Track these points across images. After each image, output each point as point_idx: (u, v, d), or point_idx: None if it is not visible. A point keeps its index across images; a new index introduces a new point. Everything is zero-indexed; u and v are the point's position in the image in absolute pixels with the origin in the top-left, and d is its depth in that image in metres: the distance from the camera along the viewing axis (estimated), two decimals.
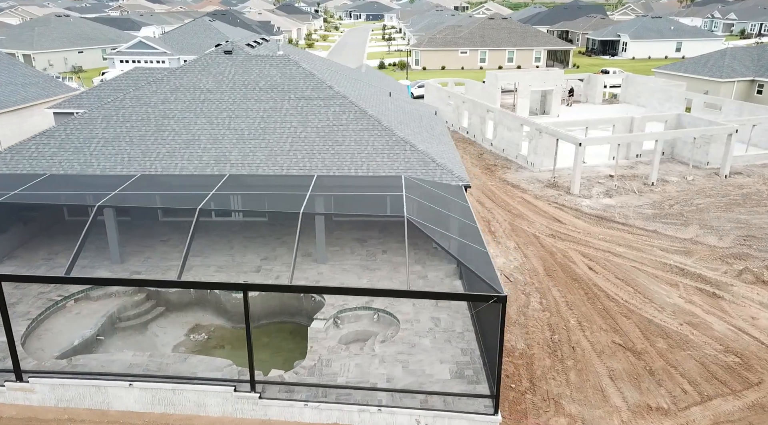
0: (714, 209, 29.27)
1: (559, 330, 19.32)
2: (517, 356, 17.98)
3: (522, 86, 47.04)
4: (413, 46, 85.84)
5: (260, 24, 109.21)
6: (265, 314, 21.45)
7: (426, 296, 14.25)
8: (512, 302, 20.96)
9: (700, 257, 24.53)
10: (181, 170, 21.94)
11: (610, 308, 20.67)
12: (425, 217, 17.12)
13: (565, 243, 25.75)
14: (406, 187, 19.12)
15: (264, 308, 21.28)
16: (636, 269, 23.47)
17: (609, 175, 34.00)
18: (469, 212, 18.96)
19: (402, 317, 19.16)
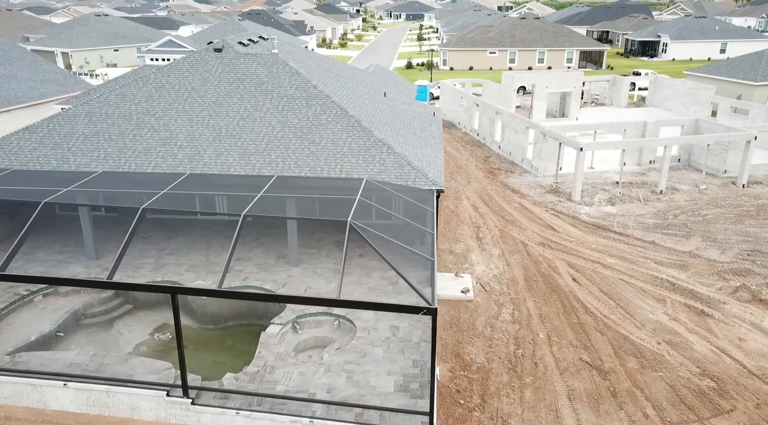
0: (722, 221, 27.60)
1: (525, 345, 18.40)
2: (474, 370, 17.17)
3: (539, 88, 45.67)
4: (441, 46, 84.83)
5: (294, 23, 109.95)
6: (233, 315, 21.21)
7: (353, 305, 13.66)
8: (481, 313, 20.12)
9: (696, 271, 23.09)
10: (155, 167, 21.89)
11: (586, 323, 19.61)
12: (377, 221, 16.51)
13: (553, 252, 24.67)
14: (365, 190, 18.53)
15: (231, 310, 21.05)
16: (623, 282, 22.26)
17: (615, 182, 32.54)
18: (431, 218, 18.23)
19: (360, 325, 18.62)
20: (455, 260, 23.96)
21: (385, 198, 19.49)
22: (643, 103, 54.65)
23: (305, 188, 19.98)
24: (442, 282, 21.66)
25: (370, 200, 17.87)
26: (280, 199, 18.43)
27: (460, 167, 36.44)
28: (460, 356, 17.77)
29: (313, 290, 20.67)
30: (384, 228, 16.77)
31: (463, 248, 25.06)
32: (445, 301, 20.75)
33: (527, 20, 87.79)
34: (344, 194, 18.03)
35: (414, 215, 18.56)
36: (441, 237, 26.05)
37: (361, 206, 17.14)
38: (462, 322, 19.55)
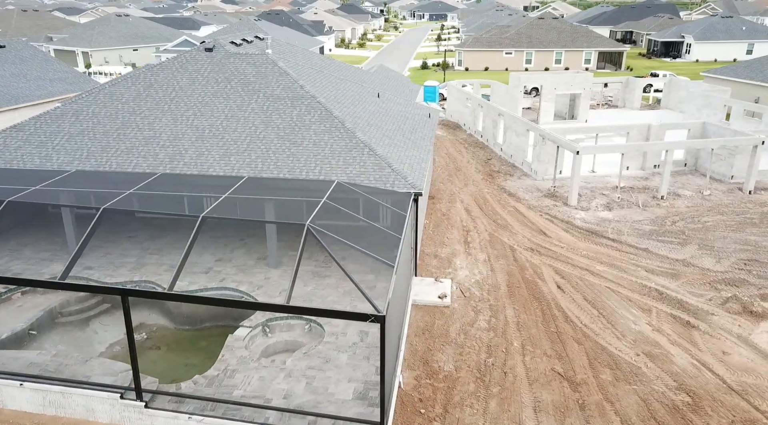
0: (722, 228, 26.66)
1: (497, 353, 17.92)
2: (441, 378, 16.76)
3: (546, 89, 44.88)
4: (456, 47, 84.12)
5: (313, 24, 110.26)
6: (209, 317, 21.10)
7: (299, 311, 13.39)
8: (457, 319, 19.67)
9: (688, 280, 22.30)
10: (135, 167, 21.94)
11: (564, 332, 19.03)
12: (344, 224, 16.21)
13: (541, 258, 24.08)
14: (334, 192, 18.26)
15: (207, 311, 20.94)
16: (609, 291, 21.59)
17: (615, 186, 31.71)
18: (401, 222, 17.84)
19: (330, 330, 18.36)
20: (439, 264, 23.54)
21: (355, 201, 19.16)
22: (658, 105, 53.38)
23: (275, 189, 19.79)
24: (420, 287, 21.27)
25: (338, 203, 17.57)
26: (245, 200, 18.23)
27: (459, 169, 35.93)
28: (429, 363, 17.37)
29: (277, 294, 20.49)
30: (350, 232, 16.47)
31: (449, 252, 24.61)
32: (421, 307, 20.36)
33: (545, 20, 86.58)
34: (311, 197, 17.76)
35: (386, 218, 18.22)
36: (428, 240, 25.64)
37: (326, 208, 16.86)
38: (436, 328, 19.14)
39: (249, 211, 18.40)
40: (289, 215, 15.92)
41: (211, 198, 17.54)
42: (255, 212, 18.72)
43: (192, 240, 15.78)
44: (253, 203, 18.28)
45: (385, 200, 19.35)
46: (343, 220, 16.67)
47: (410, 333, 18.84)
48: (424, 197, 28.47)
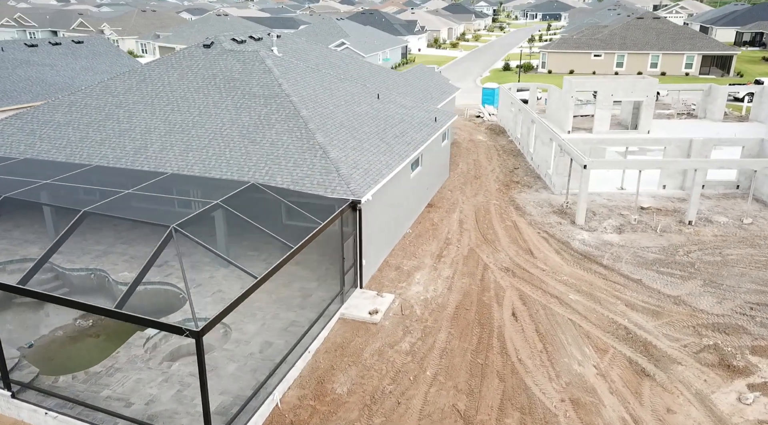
0: (745, 264, 22.89)
1: (402, 381, 16.43)
2: (327, 401, 15.61)
3: (602, 96, 41.23)
4: (541, 48, 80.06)
5: (405, 23, 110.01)
6: (153, 310, 21.27)
7: (120, 317, 12.87)
8: (380, 338, 18.32)
9: (670, 321, 19.30)
10: (103, 157, 22.62)
11: (491, 365, 17.10)
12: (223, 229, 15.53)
13: (513, 280, 21.95)
14: (241, 193, 17.59)
15: (151, 304, 21.13)
16: (571, 324, 19.19)
17: (641, 206, 28.32)
18: (302, 233, 16.78)
19: (237, 336, 17.79)
20: (397, 277, 22.16)
21: (255, 205, 18.31)
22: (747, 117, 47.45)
23: (187, 188, 19.53)
24: (358, 300, 20.09)
25: (234, 207, 16.90)
26: (142, 197, 18.00)
27: (478, 177, 33.89)
28: (323, 383, 16.26)
29: (222, 293, 20.19)
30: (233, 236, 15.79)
31: (415, 265, 23.11)
32: (348, 321, 19.20)
33: (644, 20, 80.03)
34: (211, 198, 17.23)
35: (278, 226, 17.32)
36: (400, 251, 24.26)
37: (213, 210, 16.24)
38: (352, 346, 17.93)
39: (137, 208, 18.08)
40: (168, 217, 15.46)
41: (107, 193, 17.54)
42: (140, 210, 18.36)
43: (63, 234, 15.78)
44: (148, 200, 18.05)
45: (304, 206, 18.42)
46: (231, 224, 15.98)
47: (322, 348, 17.79)
48: (417, 204, 27.12)
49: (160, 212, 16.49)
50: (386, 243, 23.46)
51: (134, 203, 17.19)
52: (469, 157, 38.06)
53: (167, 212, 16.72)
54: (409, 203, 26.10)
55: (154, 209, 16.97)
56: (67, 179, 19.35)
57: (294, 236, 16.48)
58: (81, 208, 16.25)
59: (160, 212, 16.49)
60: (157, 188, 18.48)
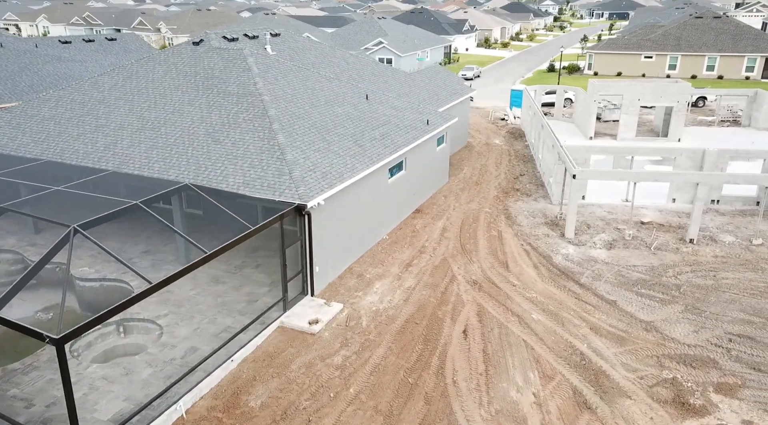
0: (739, 290, 20.76)
1: (321, 398, 15.66)
2: (236, 414, 15.05)
3: (628, 100, 38.81)
4: (588, 49, 76.76)
5: (455, 23, 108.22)
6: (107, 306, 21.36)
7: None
8: (314, 350, 17.60)
9: (633, 349, 17.65)
10: (75, 152, 22.97)
11: (421, 386, 16.08)
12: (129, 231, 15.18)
13: (478, 294, 20.74)
14: (167, 195, 17.24)
15: (106, 300, 21.22)
16: (523, 345, 17.87)
17: (641, 221, 26.30)
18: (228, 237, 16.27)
19: (166, 340, 17.52)
20: (356, 285, 21.36)
21: (198, 206, 17.90)
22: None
23: (120, 187, 19.38)
24: (303, 309, 19.43)
25: (156, 208, 16.58)
26: (65, 194, 17.90)
27: (479, 183, 32.51)
28: (238, 395, 15.72)
29: (170, 294, 20.01)
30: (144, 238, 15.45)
31: (379, 273, 22.24)
32: (287, 330, 18.58)
33: (703, 19, 75.28)
34: (128, 198, 16.95)
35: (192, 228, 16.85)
36: (369, 258, 23.43)
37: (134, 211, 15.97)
38: (282, 357, 17.30)
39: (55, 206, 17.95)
40: (77, 216, 15.28)
41: (44, 189, 17.59)
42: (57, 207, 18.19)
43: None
44: (73, 198, 17.94)
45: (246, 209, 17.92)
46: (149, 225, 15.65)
47: (251, 357, 17.24)
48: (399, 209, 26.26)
49: (77, 211, 16.35)
50: (351, 249, 22.68)
51: (57, 201, 17.18)
52: (477, 161, 36.66)
53: (84, 210, 16.52)
54: (387, 209, 25.20)
55: (73, 207, 16.86)
56: (9, 174, 19.61)
57: (216, 240, 16.01)
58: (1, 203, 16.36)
59: (77, 211, 16.35)
60: (89, 186, 18.45)
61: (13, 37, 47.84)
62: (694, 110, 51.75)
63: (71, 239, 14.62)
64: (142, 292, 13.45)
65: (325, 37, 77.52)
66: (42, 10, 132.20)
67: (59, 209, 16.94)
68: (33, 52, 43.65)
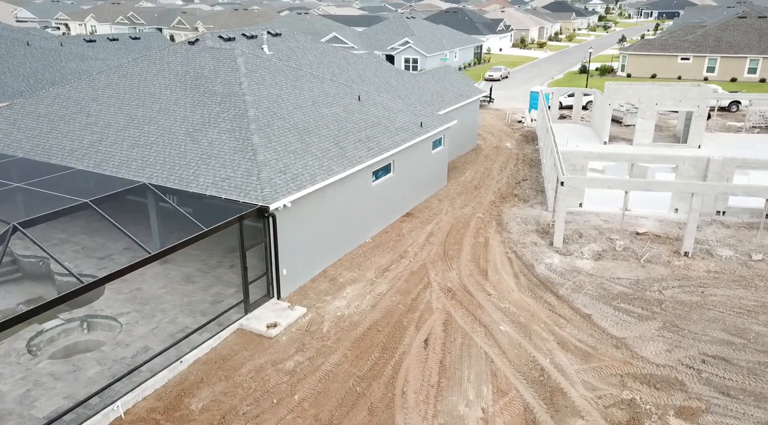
0: (725, 308, 19.60)
1: (263, 404, 15.48)
2: (175, 417, 15.02)
3: (645, 104, 37.37)
4: (621, 50, 74.39)
5: (490, 22, 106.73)
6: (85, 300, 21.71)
7: None
8: (268, 355, 17.45)
9: (598, 366, 16.85)
10: (62, 149, 23.48)
11: (367, 396, 15.73)
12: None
13: (449, 302, 20.22)
14: (121, 193, 17.34)
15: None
16: (484, 358, 17.30)
17: (637, 232, 25.18)
18: (181, 237, 16.28)
19: (124, 338, 17.65)
20: (327, 288, 21.12)
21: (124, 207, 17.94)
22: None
23: (77, 185, 19.65)
24: (266, 311, 19.30)
25: (107, 207, 16.71)
26: (24, 191, 18.17)
27: (478, 188, 31.81)
28: (182, 397, 15.69)
29: (140, 291, 20.21)
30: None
31: (353, 277, 21.94)
32: (246, 332, 18.48)
33: (747, 19, 71.94)
34: (77, 196, 17.12)
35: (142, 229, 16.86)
36: (347, 261, 23.16)
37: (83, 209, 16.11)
38: (233, 360, 17.20)
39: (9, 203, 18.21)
40: (20, 213, 15.53)
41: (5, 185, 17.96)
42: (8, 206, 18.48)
43: None
44: (29, 195, 18.21)
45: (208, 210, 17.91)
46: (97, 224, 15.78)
47: (204, 358, 17.21)
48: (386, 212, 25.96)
49: (27, 208, 16.63)
50: (327, 252, 22.44)
51: (11, 198, 17.51)
52: (483, 164, 35.90)
53: (33, 208, 16.81)
54: (371, 212, 24.86)
55: (25, 205, 17.17)
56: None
57: (168, 241, 16.02)
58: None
59: (27, 208, 16.63)
60: (48, 184, 18.74)
61: (40, 35, 49.40)
62: (725, 114, 49.51)
63: (8, 236, 14.87)
64: (66, 294, 13.53)
65: (353, 37, 77.56)
66: (90, 10, 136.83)
67: (10, 207, 17.28)
68: (58, 50, 45.00)
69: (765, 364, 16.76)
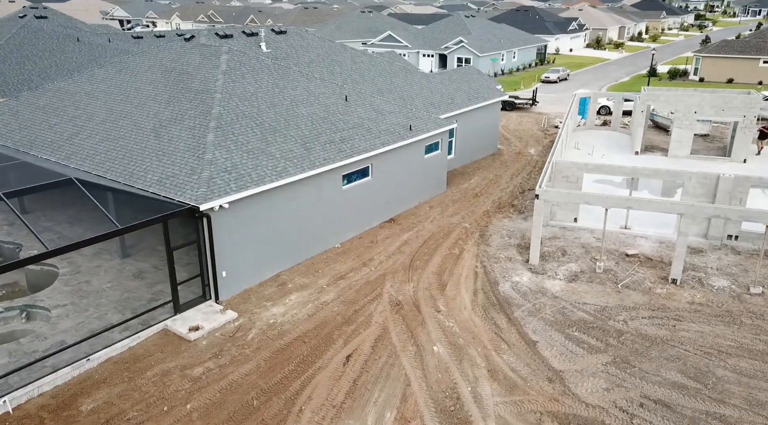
0: (692, 347, 17.24)
1: (154, 410, 15.12)
2: (62, 417, 14.94)
3: (682, 112, 34.14)
4: (695, 52, 68.84)
5: (561, 22, 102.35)
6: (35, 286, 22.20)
7: None
8: (181, 358, 17.09)
9: (520, 400, 15.26)
10: (44, 140, 24.24)
11: (263, 411, 15.03)
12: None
13: (392, 317, 19.11)
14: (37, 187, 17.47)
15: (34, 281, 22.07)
16: (401, 382, 16.12)
17: (626, 253, 22.84)
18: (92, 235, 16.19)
19: (46, 331, 17.86)
20: (272, 294, 20.55)
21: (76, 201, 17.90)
22: None
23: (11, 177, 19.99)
24: (196, 313, 18.97)
25: (16, 201, 16.83)
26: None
27: (477, 195, 30.15)
28: (77, 396, 15.58)
29: (88, 284, 20.49)
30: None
31: (304, 283, 21.24)
32: (170, 334, 18.22)
33: None
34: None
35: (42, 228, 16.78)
36: (305, 267, 22.49)
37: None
38: (145, 361, 16.97)
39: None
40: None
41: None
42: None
43: None
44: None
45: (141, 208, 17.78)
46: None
47: (116, 357, 17.07)
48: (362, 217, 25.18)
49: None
50: (282, 256, 21.85)
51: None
52: (494, 171, 34.09)
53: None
54: (340, 216, 24.03)
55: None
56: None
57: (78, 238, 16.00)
58: None
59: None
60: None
61: (90, 31, 51.99)
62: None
63: None
64: None
65: (409, 36, 76.59)
66: (176, 9, 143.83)
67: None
68: (105, 46, 47.14)
69: (713, 415, 14.52)
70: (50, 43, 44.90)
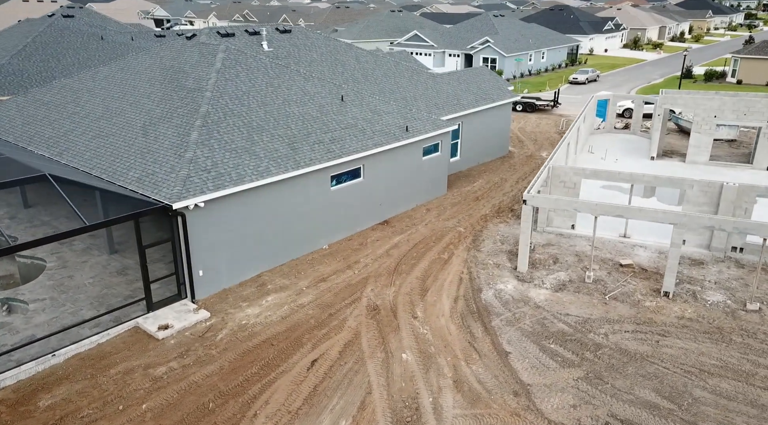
0: (672, 365, 16.31)
1: (109, 409, 15.10)
2: (18, 411, 15.06)
3: (701, 116, 32.69)
4: (733, 53, 66.08)
5: (597, 21, 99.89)
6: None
7: None
8: (148, 357, 17.07)
9: (480, 414, 14.69)
10: (42, 135, 24.69)
11: (217, 414, 14.87)
12: None
13: (367, 321, 18.73)
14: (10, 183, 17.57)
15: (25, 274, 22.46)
16: (362, 390, 15.75)
17: (620, 263, 21.87)
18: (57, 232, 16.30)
19: (19, 324, 18.10)
20: (251, 294, 20.41)
21: (49, 198, 18.02)
22: None
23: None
24: (169, 312, 18.94)
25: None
26: None
27: (478, 199, 29.44)
28: (38, 392, 15.65)
29: (70, 279, 20.73)
30: None
31: (283, 285, 21.03)
32: (140, 332, 18.23)
33: None
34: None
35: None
36: (288, 268, 22.29)
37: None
38: (110, 359, 16.96)
39: None
40: None
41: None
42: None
43: None
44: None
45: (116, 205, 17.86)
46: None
47: (84, 354, 17.15)
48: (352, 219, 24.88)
49: None
50: (264, 257, 21.69)
51: None
52: (500, 174, 33.28)
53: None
54: (328, 218, 23.74)
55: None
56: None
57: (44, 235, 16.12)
58: None
59: None
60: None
61: (115, 30, 53.03)
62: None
63: None
64: None
65: (435, 36, 75.87)
66: (214, 8, 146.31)
67: None
68: (128, 44, 48.06)
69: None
70: (74, 42, 45.94)
